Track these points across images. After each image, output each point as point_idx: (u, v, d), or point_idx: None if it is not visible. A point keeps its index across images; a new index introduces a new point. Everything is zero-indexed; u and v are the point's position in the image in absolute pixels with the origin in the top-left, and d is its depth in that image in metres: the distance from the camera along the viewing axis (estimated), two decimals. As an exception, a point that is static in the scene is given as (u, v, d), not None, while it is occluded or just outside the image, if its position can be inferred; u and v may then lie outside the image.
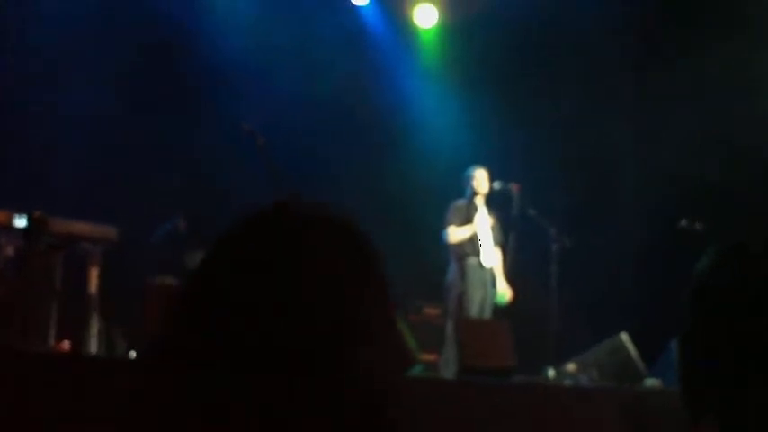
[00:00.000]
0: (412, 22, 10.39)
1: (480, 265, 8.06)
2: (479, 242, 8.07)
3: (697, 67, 8.89)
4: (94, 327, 5.91)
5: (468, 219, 8.11)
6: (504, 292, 8.16)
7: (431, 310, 8.99)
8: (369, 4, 10.15)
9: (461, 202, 8.23)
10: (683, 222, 7.89)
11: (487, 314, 8.01)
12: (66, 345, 5.63)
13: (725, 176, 8.60)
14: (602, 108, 9.71)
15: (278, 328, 0.98)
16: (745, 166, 8.67)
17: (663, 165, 9.33)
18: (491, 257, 8.14)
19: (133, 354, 5.77)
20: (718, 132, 8.67)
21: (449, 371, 7.29)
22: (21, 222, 5.46)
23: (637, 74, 9.89)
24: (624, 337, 7.24)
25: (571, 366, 7.20)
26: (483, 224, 8.14)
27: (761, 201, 8.40)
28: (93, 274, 5.93)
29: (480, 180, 8.20)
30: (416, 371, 6.32)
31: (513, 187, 8.19)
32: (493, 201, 8.30)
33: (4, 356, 4.40)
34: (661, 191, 9.36)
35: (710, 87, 8.85)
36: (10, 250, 5.45)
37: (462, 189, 8.28)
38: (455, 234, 8.04)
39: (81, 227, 5.89)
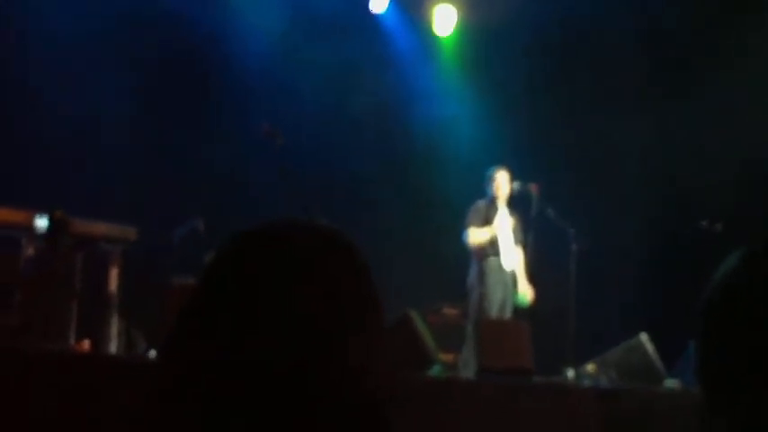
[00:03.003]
0: (431, 25, 10.37)
1: (500, 265, 8.02)
2: (499, 243, 8.04)
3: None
4: (114, 326, 5.94)
5: (487, 220, 8.06)
6: (524, 292, 8.11)
7: (450, 311, 8.97)
8: (387, 10, 10.12)
9: (481, 204, 8.18)
10: (704, 223, 7.86)
11: (507, 315, 7.97)
12: (86, 344, 5.66)
13: (739, 178, 8.59)
14: (618, 110, 9.66)
15: (278, 331, 1.04)
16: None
17: (681, 164, 9.28)
18: (512, 258, 8.10)
19: (153, 354, 5.80)
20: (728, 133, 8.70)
21: (468, 371, 7.28)
22: (41, 223, 5.49)
23: (649, 75, 9.83)
24: (643, 337, 7.20)
25: (590, 367, 7.17)
26: (503, 225, 8.10)
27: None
28: (113, 274, 5.96)
29: (501, 183, 8.13)
30: (435, 371, 6.31)
31: (533, 188, 8.13)
32: (512, 201, 8.26)
33: (25, 356, 4.43)
34: (682, 190, 9.29)
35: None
36: (30, 251, 5.49)
37: (484, 189, 8.25)
38: (475, 235, 8.00)
39: (101, 227, 5.93)
